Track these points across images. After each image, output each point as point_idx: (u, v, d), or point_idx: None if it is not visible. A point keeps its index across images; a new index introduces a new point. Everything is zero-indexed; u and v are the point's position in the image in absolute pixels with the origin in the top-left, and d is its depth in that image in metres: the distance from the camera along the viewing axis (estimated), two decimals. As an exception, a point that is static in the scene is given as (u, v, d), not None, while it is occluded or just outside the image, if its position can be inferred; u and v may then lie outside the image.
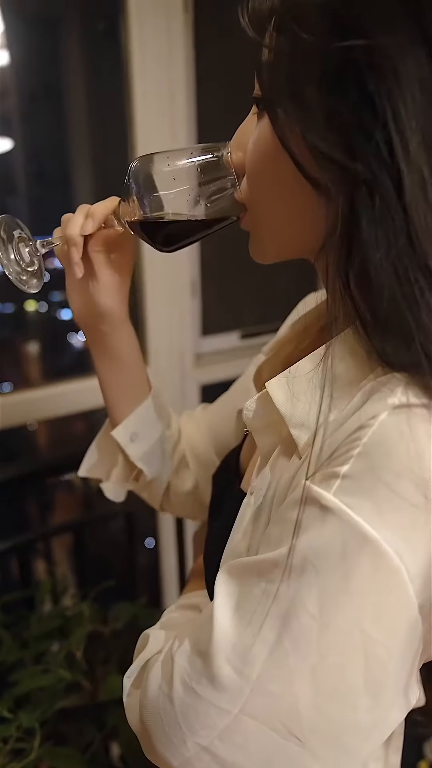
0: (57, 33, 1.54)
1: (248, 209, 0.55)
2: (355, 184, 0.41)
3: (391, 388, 0.41)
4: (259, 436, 0.54)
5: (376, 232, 0.41)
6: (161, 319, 1.51)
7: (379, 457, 0.39)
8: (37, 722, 0.88)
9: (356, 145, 0.40)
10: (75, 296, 0.70)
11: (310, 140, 0.42)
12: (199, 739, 0.46)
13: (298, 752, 0.44)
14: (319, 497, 0.41)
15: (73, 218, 0.65)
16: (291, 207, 0.50)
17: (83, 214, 0.65)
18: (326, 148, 0.41)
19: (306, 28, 0.40)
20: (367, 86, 0.39)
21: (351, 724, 0.44)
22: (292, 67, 0.42)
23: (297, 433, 0.47)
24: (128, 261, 0.70)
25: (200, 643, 0.46)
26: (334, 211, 0.43)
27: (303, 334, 0.65)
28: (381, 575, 0.39)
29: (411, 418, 0.40)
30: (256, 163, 0.51)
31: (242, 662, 0.43)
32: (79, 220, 0.64)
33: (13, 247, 0.59)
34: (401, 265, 0.41)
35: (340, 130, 0.41)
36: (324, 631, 0.41)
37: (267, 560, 0.43)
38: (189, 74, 1.42)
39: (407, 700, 0.45)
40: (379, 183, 0.40)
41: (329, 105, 0.41)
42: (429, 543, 0.40)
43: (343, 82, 0.40)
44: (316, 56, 0.41)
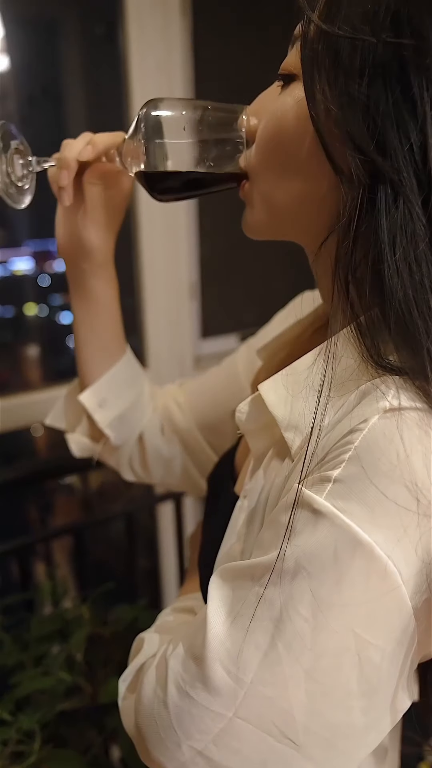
0: (56, 36, 1.55)
1: (251, 179, 0.54)
2: (379, 179, 0.41)
3: (384, 391, 0.40)
4: (252, 438, 0.54)
5: (396, 233, 0.41)
6: (160, 321, 1.51)
7: (370, 461, 0.39)
8: (38, 725, 0.88)
9: (389, 141, 0.40)
10: (61, 227, 0.69)
11: (344, 125, 0.41)
12: (193, 743, 0.46)
13: (293, 755, 0.44)
14: (311, 501, 0.41)
15: (73, 142, 0.63)
16: (299, 186, 0.49)
17: (85, 141, 0.63)
18: (359, 137, 0.41)
19: (361, 16, 0.40)
20: (411, 86, 0.39)
21: (346, 727, 0.43)
22: (339, 50, 0.41)
23: (290, 436, 0.47)
24: (122, 201, 0.69)
25: (194, 647, 0.46)
26: (352, 202, 0.42)
27: (299, 337, 0.65)
28: (373, 578, 0.39)
29: (402, 422, 0.39)
30: (274, 134, 0.49)
31: (236, 666, 0.43)
32: (79, 144, 0.62)
33: (7, 158, 0.57)
34: (418, 271, 0.41)
35: (376, 122, 0.40)
36: (317, 635, 0.41)
37: (260, 564, 0.43)
38: (187, 77, 1.43)
39: (400, 701, 0.45)
40: (405, 185, 0.40)
41: (370, 95, 0.40)
42: (421, 546, 0.39)
43: (388, 77, 0.39)
44: (367, 45, 0.40)
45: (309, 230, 0.49)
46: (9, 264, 1.78)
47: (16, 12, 1.41)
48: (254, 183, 0.54)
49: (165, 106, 0.56)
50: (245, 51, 1.44)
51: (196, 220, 1.55)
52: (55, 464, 1.34)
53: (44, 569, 1.36)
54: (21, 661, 1.01)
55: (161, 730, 0.47)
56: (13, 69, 1.45)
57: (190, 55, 1.42)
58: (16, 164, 0.58)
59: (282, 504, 0.45)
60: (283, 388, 0.48)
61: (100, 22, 1.50)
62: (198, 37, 1.42)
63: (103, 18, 1.48)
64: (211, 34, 1.44)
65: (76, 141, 0.63)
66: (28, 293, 1.90)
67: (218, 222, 1.52)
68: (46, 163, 0.61)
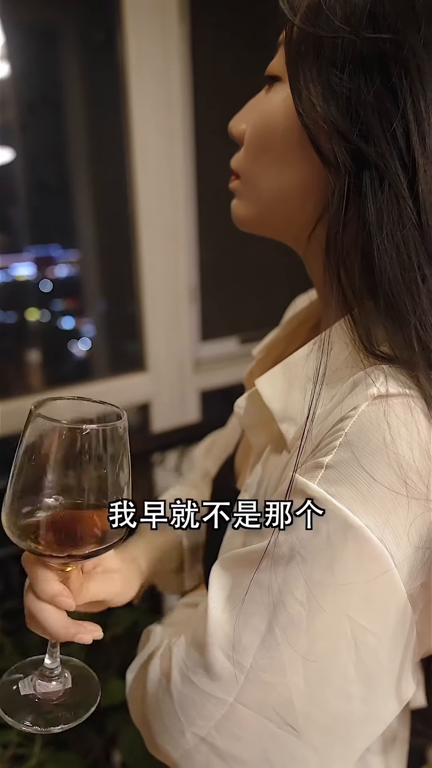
0: (55, 44, 1.56)
1: (241, 176, 0.55)
2: (364, 165, 0.43)
3: (373, 379, 0.41)
4: (251, 434, 0.55)
5: (383, 215, 0.42)
6: (160, 325, 1.52)
7: (360, 446, 0.40)
8: (38, 728, 0.88)
9: (372, 129, 0.42)
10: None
11: (329, 117, 0.43)
12: (197, 729, 0.46)
13: (293, 742, 0.44)
14: (305, 487, 0.42)
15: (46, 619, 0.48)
16: (286, 178, 0.50)
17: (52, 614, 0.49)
18: (343, 127, 0.43)
19: (341, 17, 0.43)
20: (391, 76, 0.41)
21: (345, 714, 0.44)
22: (321, 48, 0.44)
23: (285, 427, 0.48)
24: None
25: (197, 635, 0.47)
26: (339, 190, 0.44)
27: (293, 335, 0.66)
28: (365, 562, 0.40)
29: (389, 408, 0.40)
30: (262, 132, 0.51)
31: (236, 651, 0.44)
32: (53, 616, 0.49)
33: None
34: (406, 251, 0.42)
35: (359, 112, 0.42)
36: (313, 619, 0.41)
37: (256, 551, 0.44)
38: (185, 84, 1.44)
39: (403, 692, 0.45)
40: (389, 168, 0.42)
41: (352, 88, 0.42)
42: (414, 530, 0.40)
43: (370, 69, 0.42)
44: (347, 42, 0.42)
45: (296, 221, 0.50)
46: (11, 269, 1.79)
47: (15, 19, 1.42)
48: (244, 178, 0.55)
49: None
50: (243, 57, 1.45)
51: (196, 225, 1.56)
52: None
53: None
54: (21, 665, 1.01)
55: (165, 718, 0.48)
56: (12, 76, 1.46)
57: (188, 61, 1.43)
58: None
59: (278, 493, 0.45)
60: (279, 382, 0.49)
61: (99, 29, 1.51)
62: (196, 44, 1.43)
63: (102, 25, 1.49)
64: (209, 41, 1.45)
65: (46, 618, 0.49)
66: (29, 299, 1.91)
67: (217, 227, 1.53)
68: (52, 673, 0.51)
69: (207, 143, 1.49)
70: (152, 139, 1.41)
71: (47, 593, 0.46)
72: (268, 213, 0.54)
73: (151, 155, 1.43)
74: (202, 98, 1.48)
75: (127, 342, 1.79)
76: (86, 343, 1.94)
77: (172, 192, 1.48)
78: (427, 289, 0.42)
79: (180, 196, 1.49)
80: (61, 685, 0.50)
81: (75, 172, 1.64)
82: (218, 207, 0.66)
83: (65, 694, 0.50)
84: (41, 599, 0.47)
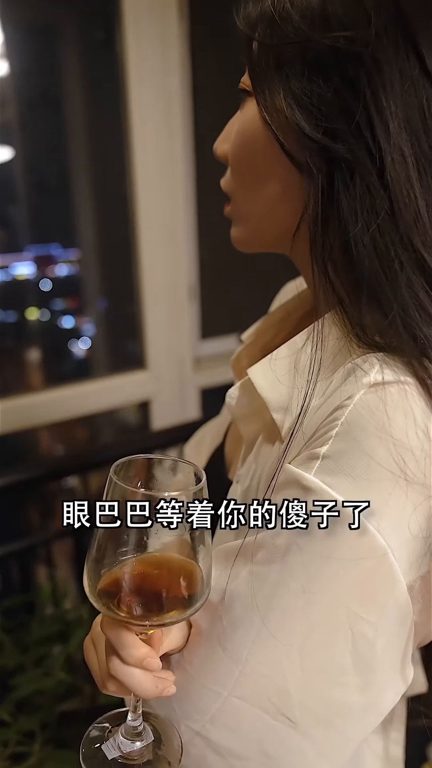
0: (55, 42, 1.56)
1: (231, 199, 0.56)
2: (335, 163, 0.43)
3: (367, 368, 0.41)
4: (243, 424, 0.55)
5: (356, 207, 0.43)
6: (160, 323, 1.52)
7: (356, 435, 0.40)
8: (38, 726, 0.88)
9: (338, 126, 0.43)
10: None
11: (294, 122, 0.44)
12: (191, 723, 0.46)
13: (289, 733, 0.44)
14: (301, 478, 0.42)
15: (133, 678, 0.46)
16: (271, 189, 0.51)
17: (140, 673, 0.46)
18: (310, 129, 0.44)
19: (293, 25, 0.44)
20: (348, 72, 0.42)
21: (342, 705, 0.44)
22: (279, 57, 0.45)
23: (279, 417, 0.48)
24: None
25: (193, 627, 0.47)
26: (314, 190, 0.45)
27: (283, 322, 0.65)
28: (362, 552, 0.40)
29: (385, 395, 0.40)
30: (239, 148, 0.52)
31: (231, 643, 0.44)
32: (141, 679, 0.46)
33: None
34: (382, 240, 0.42)
35: (322, 112, 0.43)
36: (309, 610, 0.41)
37: (253, 543, 0.44)
38: (185, 81, 1.44)
39: (402, 682, 0.45)
40: (358, 161, 0.42)
41: (313, 89, 0.43)
42: (411, 519, 0.40)
43: (327, 69, 0.43)
44: (302, 47, 0.44)
45: (286, 231, 0.50)
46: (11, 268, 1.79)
47: (15, 18, 1.42)
48: (234, 202, 0.56)
49: None
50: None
51: (195, 223, 1.56)
52: (55, 466, 1.35)
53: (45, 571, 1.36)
54: (22, 663, 1.01)
55: (160, 711, 0.48)
56: (12, 74, 1.46)
57: (188, 59, 1.43)
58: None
59: (273, 484, 0.45)
60: (272, 372, 0.49)
61: (99, 27, 1.51)
62: (195, 43, 1.43)
63: (102, 24, 1.49)
64: (209, 39, 1.45)
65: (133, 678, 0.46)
66: (29, 298, 1.91)
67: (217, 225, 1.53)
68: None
69: (207, 142, 1.49)
70: (152, 137, 1.41)
71: (135, 657, 0.44)
72: (261, 229, 0.55)
73: (151, 153, 1.43)
74: (201, 97, 1.48)
75: (126, 341, 1.79)
76: (86, 342, 1.94)
77: (172, 190, 1.48)
78: (406, 276, 0.42)
79: (179, 194, 1.49)
80: (145, 742, 0.49)
81: (75, 171, 1.64)
82: (218, 205, 0.66)
83: (148, 749, 0.49)
84: (128, 664, 0.44)
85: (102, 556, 0.44)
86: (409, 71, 0.41)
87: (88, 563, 0.44)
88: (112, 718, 0.52)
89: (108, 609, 0.44)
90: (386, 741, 0.60)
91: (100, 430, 1.93)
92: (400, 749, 0.62)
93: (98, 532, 0.44)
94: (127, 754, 0.48)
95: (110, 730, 0.50)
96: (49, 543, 1.37)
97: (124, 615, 0.43)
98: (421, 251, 0.42)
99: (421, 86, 0.41)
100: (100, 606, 0.44)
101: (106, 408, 1.58)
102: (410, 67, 0.41)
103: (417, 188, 0.42)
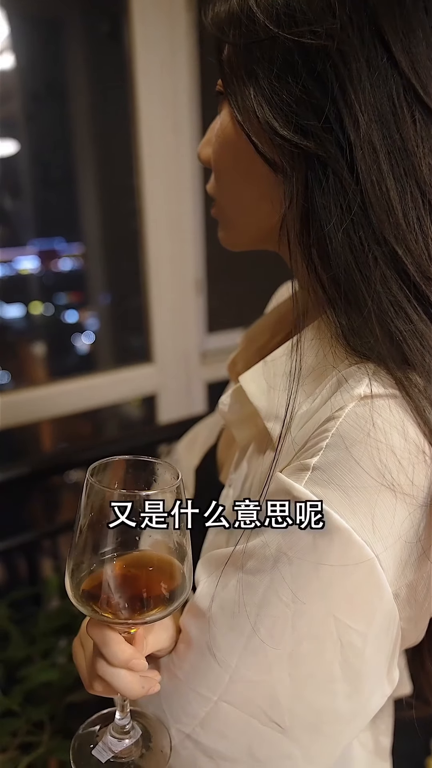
0: (61, 34, 1.55)
1: (216, 202, 0.56)
2: (309, 161, 0.43)
3: (358, 379, 0.41)
4: (235, 429, 0.54)
5: (330, 203, 0.42)
6: (167, 317, 1.52)
7: (347, 447, 0.40)
8: (46, 716, 0.88)
9: (308, 122, 0.42)
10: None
11: (265, 120, 0.44)
12: (182, 726, 0.47)
13: (278, 738, 0.45)
14: (291, 488, 0.42)
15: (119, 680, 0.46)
16: (252, 191, 0.50)
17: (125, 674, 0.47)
18: (280, 128, 0.43)
19: (259, 23, 0.44)
20: (315, 67, 0.42)
21: (330, 711, 0.44)
22: (248, 56, 0.45)
23: (271, 425, 0.47)
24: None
25: (183, 632, 0.47)
26: (290, 189, 0.44)
27: (278, 324, 0.65)
28: (351, 564, 0.40)
29: (375, 408, 0.40)
30: (219, 151, 0.52)
31: (221, 651, 0.44)
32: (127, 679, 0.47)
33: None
34: (356, 236, 0.42)
35: (293, 109, 0.43)
36: (298, 619, 0.42)
37: (243, 551, 0.44)
38: (192, 74, 1.43)
39: (389, 684, 0.46)
40: (330, 157, 0.42)
41: (283, 86, 0.43)
42: (398, 530, 0.40)
43: (295, 65, 0.42)
44: (269, 45, 0.43)
45: (270, 231, 0.50)
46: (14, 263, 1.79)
47: (20, 10, 1.42)
48: (217, 204, 0.56)
49: None
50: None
51: (202, 217, 1.55)
52: (60, 460, 1.35)
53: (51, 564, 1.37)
54: (29, 655, 1.01)
55: (152, 714, 0.49)
56: (18, 67, 1.45)
57: (196, 51, 1.42)
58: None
59: (263, 494, 0.45)
60: (263, 379, 0.49)
61: (105, 19, 1.50)
62: (203, 33, 1.42)
63: (108, 15, 1.48)
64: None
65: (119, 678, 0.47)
66: (33, 292, 1.91)
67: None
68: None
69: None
70: (159, 130, 1.41)
71: (120, 658, 0.44)
72: (244, 231, 0.55)
73: (158, 147, 1.42)
74: (209, 89, 1.47)
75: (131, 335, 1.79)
76: (90, 337, 1.94)
77: (179, 183, 1.47)
78: (380, 272, 0.42)
79: (186, 187, 1.48)
80: (133, 739, 0.50)
81: (79, 164, 1.64)
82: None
83: (137, 745, 0.50)
84: (113, 665, 0.44)
85: (82, 559, 0.44)
86: (376, 61, 0.41)
87: (69, 566, 0.44)
88: (100, 718, 0.53)
89: (92, 610, 0.44)
90: (375, 732, 0.61)
91: (103, 425, 1.93)
92: (388, 740, 0.63)
93: (77, 535, 0.44)
94: (117, 753, 0.49)
95: (97, 733, 0.51)
96: (55, 536, 1.37)
97: (108, 615, 0.43)
98: (393, 245, 0.41)
99: (390, 76, 0.41)
100: (84, 607, 0.44)
101: (112, 401, 1.58)
102: (377, 57, 0.41)
103: (389, 180, 0.41)
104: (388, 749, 0.63)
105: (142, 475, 0.47)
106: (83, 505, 0.44)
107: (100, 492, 0.43)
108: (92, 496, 0.43)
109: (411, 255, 0.41)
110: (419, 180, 0.41)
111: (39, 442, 1.89)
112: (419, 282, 0.41)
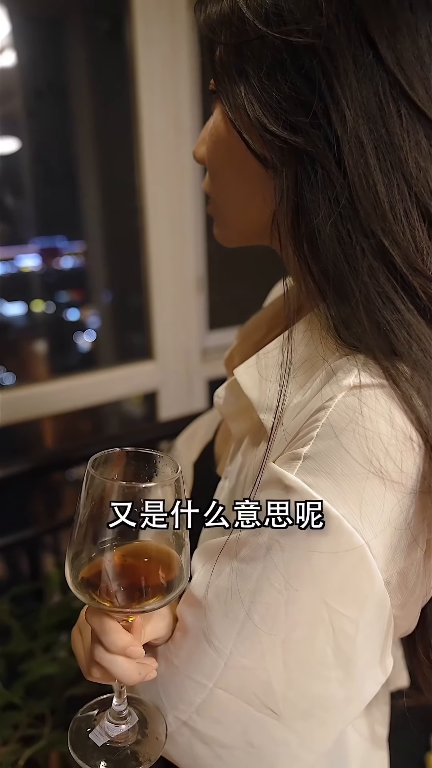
0: (62, 32, 1.55)
1: (211, 199, 0.57)
2: (298, 156, 0.44)
3: (348, 369, 0.42)
4: (231, 422, 0.55)
5: (318, 197, 0.43)
6: (168, 314, 1.52)
7: (336, 436, 0.41)
8: (48, 709, 0.89)
9: (297, 119, 0.43)
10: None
11: (255, 118, 0.45)
12: (178, 713, 0.48)
13: (273, 724, 0.45)
14: (283, 477, 0.42)
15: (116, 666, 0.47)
16: (245, 187, 0.51)
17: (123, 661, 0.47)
18: (270, 124, 0.44)
19: (249, 23, 0.44)
20: (303, 64, 0.42)
21: (324, 697, 0.45)
22: (239, 56, 0.46)
23: (265, 417, 0.48)
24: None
25: (180, 620, 0.48)
26: (281, 185, 0.45)
27: (273, 319, 0.66)
28: (342, 551, 0.41)
29: (364, 398, 0.41)
30: (212, 149, 0.53)
31: (216, 637, 0.45)
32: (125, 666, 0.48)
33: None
34: (344, 228, 0.43)
35: (282, 106, 0.44)
36: (291, 606, 0.42)
37: (237, 540, 0.45)
38: (193, 72, 1.44)
39: (382, 672, 0.46)
40: (319, 152, 0.43)
41: (272, 84, 0.44)
42: (387, 517, 0.41)
43: (283, 63, 0.43)
44: (258, 44, 0.44)
45: (264, 227, 0.51)
46: (16, 261, 1.80)
47: (22, 8, 1.42)
48: (212, 202, 0.57)
49: None
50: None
51: (203, 215, 1.56)
52: (61, 457, 1.35)
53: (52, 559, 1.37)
54: (31, 649, 1.02)
55: (148, 700, 0.50)
56: (19, 65, 1.46)
57: (197, 49, 1.43)
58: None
59: (257, 483, 0.46)
60: (257, 371, 0.50)
61: (106, 17, 1.51)
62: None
63: (109, 13, 1.49)
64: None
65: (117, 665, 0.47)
66: (35, 290, 1.92)
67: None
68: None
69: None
70: (160, 127, 1.41)
71: (118, 645, 0.45)
72: (239, 227, 0.56)
73: (159, 144, 1.43)
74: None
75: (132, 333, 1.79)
76: (91, 334, 1.95)
77: (180, 181, 1.48)
78: (368, 263, 0.42)
79: (187, 185, 1.49)
80: (130, 725, 0.51)
81: (81, 162, 1.64)
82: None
83: (133, 731, 0.51)
84: (111, 651, 0.45)
85: (82, 548, 0.45)
86: (362, 58, 0.41)
87: (70, 555, 0.45)
88: (99, 703, 0.53)
89: (90, 598, 0.45)
90: (370, 720, 0.62)
91: (105, 422, 1.94)
92: (384, 729, 0.64)
93: (78, 525, 0.45)
94: (114, 738, 0.50)
95: (95, 717, 0.52)
96: (56, 532, 1.38)
97: (106, 603, 0.44)
98: (380, 237, 0.42)
99: (376, 72, 0.42)
100: (83, 596, 0.45)
101: (113, 398, 1.58)
102: (364, 54, 0.41)
103: (376, 174, 0.42)
104: (384, 738, 0.64)
105: (142, 468, 0.47)
106: (84, 496, 0.44)
107: (100, 483, 0.43)
108: (92, 488, 0.44)
109: (398, 246, 0.42)
110: (405, 173, 0.42)
111: (41, 438, 1.90)
112: (406, 273, 0.42)
